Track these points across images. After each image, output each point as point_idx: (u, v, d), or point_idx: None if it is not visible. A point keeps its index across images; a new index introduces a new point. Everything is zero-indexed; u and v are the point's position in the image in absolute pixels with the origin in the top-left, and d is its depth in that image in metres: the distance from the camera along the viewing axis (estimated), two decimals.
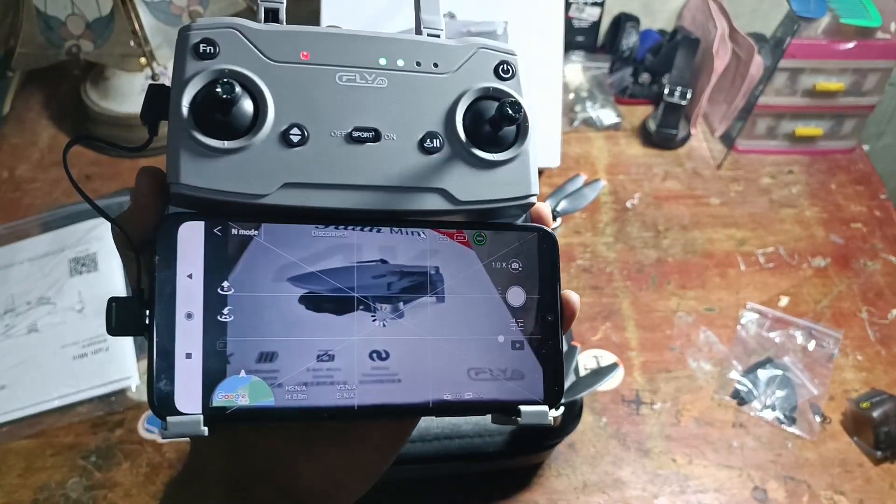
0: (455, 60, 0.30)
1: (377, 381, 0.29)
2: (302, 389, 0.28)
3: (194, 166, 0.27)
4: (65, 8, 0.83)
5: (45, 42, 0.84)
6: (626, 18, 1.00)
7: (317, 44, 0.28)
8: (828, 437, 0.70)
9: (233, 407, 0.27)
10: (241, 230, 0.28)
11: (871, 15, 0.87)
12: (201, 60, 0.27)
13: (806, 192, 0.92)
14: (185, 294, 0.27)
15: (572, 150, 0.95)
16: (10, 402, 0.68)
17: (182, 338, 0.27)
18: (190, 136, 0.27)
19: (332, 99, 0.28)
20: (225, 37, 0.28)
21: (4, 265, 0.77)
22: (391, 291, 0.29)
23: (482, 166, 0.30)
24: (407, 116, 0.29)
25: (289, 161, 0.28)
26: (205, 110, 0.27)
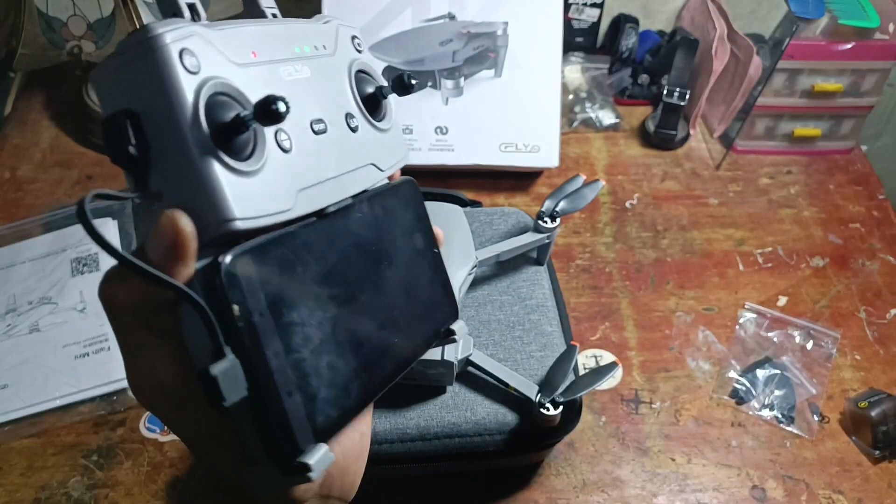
0: (332, 40, 0.32)
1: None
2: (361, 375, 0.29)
3: (239, 196, 0.24)
4: (66, 9, 0.84)
5: (47, 43, 0.85)
6: (626, 19, 1.00)
7: (255, 41, 0.28)
8: (826, 436, 0.70)
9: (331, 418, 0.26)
10: (276, 248, 0.26)
11: (870, 16, 0.87)
12: (191, 74, 0.24)
13: (804, 193, 0.93)
14: (265, 332, 0.24)
15: (572, 150, 0.95)
16: (11, 401, 0.68)
17: (280, 377, 0.24)
18: (221, 163, 0.24)
19: (291, 95, 0.27)
20: (196, 44, 0.24)
21: (6, 265, 0.78)
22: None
23: (382, 135, 0.33)
24: (331, 101, 0.31)
25: (292, 167, 0.27)
26: (224, 132, 0.24)
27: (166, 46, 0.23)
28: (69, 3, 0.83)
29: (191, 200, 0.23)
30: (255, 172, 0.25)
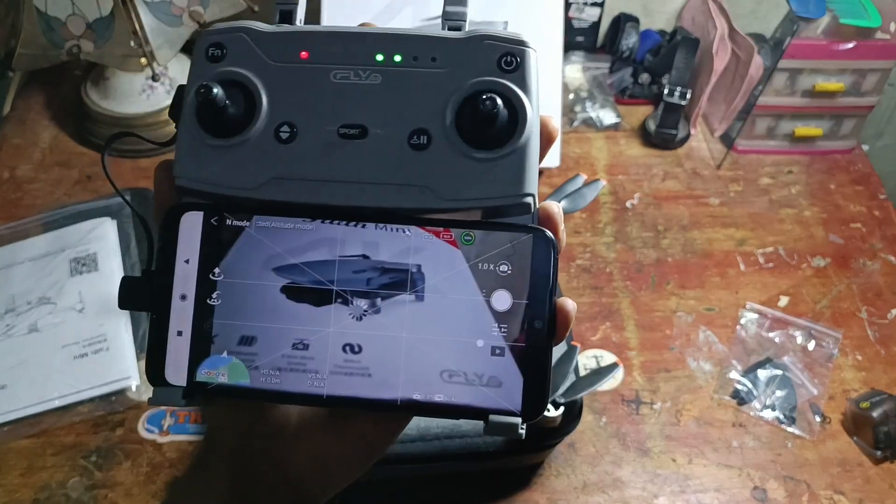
0: (456, 54, 0.29)
1: (348, 374, 0.29)
2: (276, 374, 0.29)
3: (194, 163, 0.29)
4: (65, 8, 0.83)
5: (46, 42, 0.84)
6: (626, 19, 1.00)
7: (317, 43, 0.30)
8: (827, 436, 0.70)
9: (213, 383, 0.30)
10: (234, 221, 0.30)
11: (871, 15, 0.87)
12: (210, 63, 0.30)
13: (805, 192, 0.92)
14: (182, 277, 0.30)
15: (572, 150, 0.95)
16: (10, 401, 0.68)
17: (176, 316, 0.30)
18: (192, 134, 0.29)
19: (325, 96, 0.29)
20: (233, 40, 0.30)
21: (5, 265, 0.78)
22: (370, 287, 0.29)
23: (473, 163, 0.29)
24: (397, 112, 0.29)
25: (277, 157, 0.29)
26: (205, 110, 0.29)
27: (201, 39, 0.30)
28: (68, 3, 0.83)
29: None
30: (223, 148, 0.29)
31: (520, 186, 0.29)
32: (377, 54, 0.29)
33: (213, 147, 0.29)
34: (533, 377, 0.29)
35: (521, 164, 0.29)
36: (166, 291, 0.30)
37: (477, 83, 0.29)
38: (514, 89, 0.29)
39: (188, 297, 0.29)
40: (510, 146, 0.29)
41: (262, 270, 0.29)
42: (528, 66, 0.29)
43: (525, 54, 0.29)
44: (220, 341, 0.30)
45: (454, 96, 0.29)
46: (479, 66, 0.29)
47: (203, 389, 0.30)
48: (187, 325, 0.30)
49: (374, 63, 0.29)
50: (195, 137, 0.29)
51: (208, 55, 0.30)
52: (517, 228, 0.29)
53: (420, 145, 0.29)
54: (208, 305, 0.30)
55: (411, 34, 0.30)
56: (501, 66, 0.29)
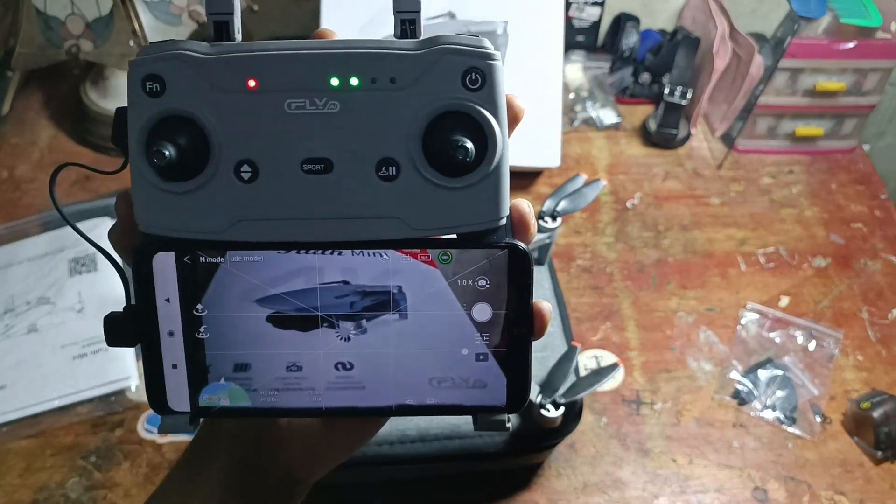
0: (415, 71, 0.27)
1: (342, 388, 0.31)
2: (274, 394, 0.31)
3: (154, 210, 0.28)
4: (64, 8, 0.83)
5: (45, 42, 0.84)
6: (627, 18, 1.00)
7: (263, 69, 0.27)
8: (828, 437, 0.70)
9: (216, 407, 0.31)
10: (208, 258, 0.29)
11: (872, 15, 0.87)
12: (150, 98, 0.27)
13: (806, 192, 0.92)
14: (166, 316, 0.30)
15: (572, 149, 0.95)
16: (9, 402, 0.68)
17: (167, 352, 0.30)
18: (146, 180, 0.28)
19: (281, 130, 0.28)
20: (170, 70, 0.27)
21: (4, 265, 0.77)
22: (353, 310, 0.30)
23: (444, 191, 0.28)
24: (361, 142, 0.28)
25: (241, 198, 0.28)
26: (152, 153, 0.27)
27: (133, 71, 0.27)
28: (67, 2, 0.83)
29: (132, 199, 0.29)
30: (183, 193, 0.28)
31: (494, 212, 0.29)
32: (331, 78, 0.27)
33: (171, 192, 0.28)
34: (515, 375, 0.31)
35: (493, 188, 0.28)
36: (153, 329, 0.30)
37: (442, 107, 0.28)
38: (481, 112, 0.27)
39: (176, 334, 0.30)
40: (481, 171, 0.28)
41: (245, 302, 0.30)
42: (495, 82, 0.28)
43: (491, 69, 0.27)
44: (216, 370, 0.30)
45: (419, 121, 0.28)
46: (442, 84, 0.27)
47: (207, 413, 0.31)
48: (180, 358, 0.30)
49: (329, 88, 0.27)
50: (150, 182, 0.28)
51: (146, 89, 0.27)
52: (492, 245, 0.29)
53: (388, 176, 0.28)
54: (197, 339, 0.30)
55: (365, 51, 0.27)
56: (466, 84, 0.27)
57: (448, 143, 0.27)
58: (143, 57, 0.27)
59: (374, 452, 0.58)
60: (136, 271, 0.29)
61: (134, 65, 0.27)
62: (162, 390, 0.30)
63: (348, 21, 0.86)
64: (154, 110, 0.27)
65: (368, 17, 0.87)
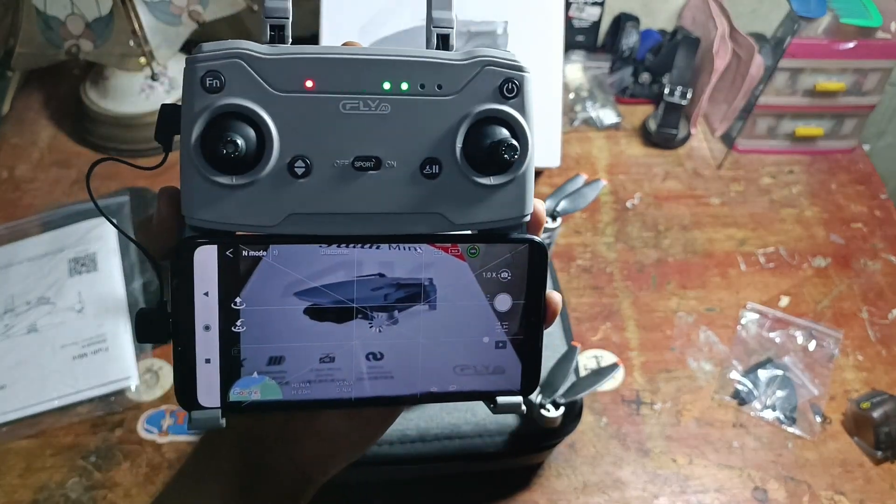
0: (459, 80, 0.30)
1: (372, 378, 0.32)
2: (306, 386, 0.31)
3: (205, 202, 0.29)
4: (64, 8, 0.83)
5: (45, 42, 0.84)
6: (627, 18, 1.00)
7: (321, 70, 0.29)
8: (828, 437, 0.70)
9: (247, 401, 0.31)
10: (250, 251, 0.30)
11: (872, 15, 0.87)
12: (208, 94, 0.28)
13: (806, 192, 0.92)
14: (203, 309, 0.30)
15: (572, 149, 0.95)
16: (9, 402, 0.68)
17: (201, 346, 0.30)
18: (200, 173, 0.28)
19: (335, 128, 0.29)
20: (230, 68, 0.28)
21: (4, 265, 0.77)
22: (387, 301, 0.31)
23: (481, 189, 0.31)
24: (408, 142, 0.30)
25: (294, 193, 0.29)
26: (213, 149, 0.28)
27: (193, 68, 0.28)
28: (67, 2, 0.82)
29: (181, 192, 0.29)
30: (236, 187, 0.29)
31: (522, 209, 0.31)
32: (384, 82, 0.29)
33: (223, 185, 0.28)
34: (529, 361, 0.33)
35: (523, 188, 0.31)
36: (188, 324, 0.30)
37: (484, 111, 0.30)
38: (517, 118, 0.30)
39: (212, 328, 0.30)
40: (514, 172, 0.31)
41: (284, 296, 0.30)
42: (527, 91, 0.31)
43: (524, 80, 0.31)
44: (250, 364, 0.31)
45: (462, 125, 0.30)
46: (483, 92, 0.30)
47: (238, 407, 0.31)
48: (214, 352, 0.30)
49: (381, 91, 0.29)
50: (203, 174, 0.28)
51: (205, 85, 0.28)
52: (516, 240, 0.32)
53: (432, 174, 0.30)
54: (234, 333, 0.30)
55: (416, 59, 0.30)
56: (503, 93, 0.30)
57: (493, 143, 0.29)
58: (203, 54, 0.28)
59: (374, 452, 0.58)
60: (176, 264, 0.29)
61: (193, 61, 0.28)
62: (193, 385, 0.30)
63: (348, 21, 0.86)
64: (213, 105, 0.28)
65: (368, 18, 0.87)
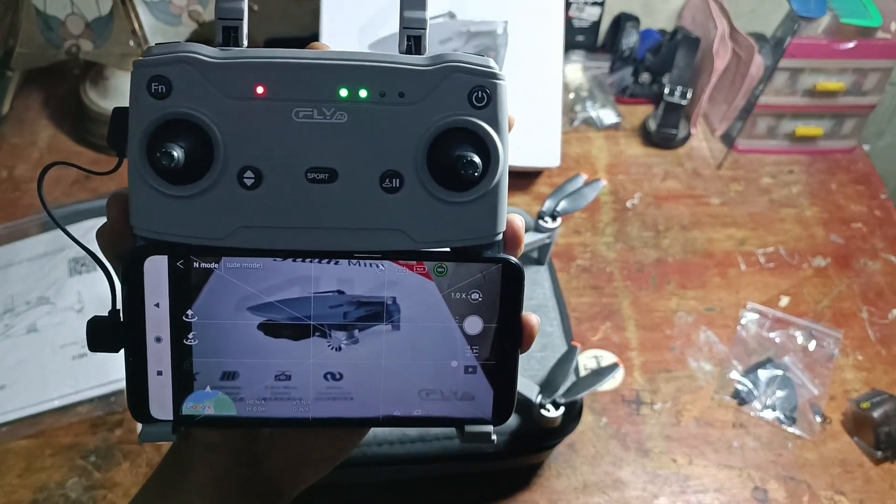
0: (424, 87, 0.28)
1: (331, 399, 0.30)
2: (261, 403, 0.30)
3: (152, 212, 0.28)
4: (64, 7, 0.83)
5: (45, 42, 0.84)
6: (627, 18, 1.00)
7: (273, 76, 0.27)
8: (828, 437, 0.70)
9: (200, 415, 0.30)
10: (202, 263, 0.29)
11: (872, 15, 0.87)
12: (155, 100, 0.27)
13: (806, 192, 0.92)
14: (154, 321, 0.29)
15: (572, 149, 0.95)
16: (9, 402, 0.68)
17: (153, 358, 0.29)
18: (146, 182, 0.27)
19: (287, 138, 0.28)
20: (178, 72, 0.27)
21: (4, 265, 0.77)
22: (347, 320, 0.30)
23: (445, 206, 0.28)
24: (367, 154, 0.28)
25: (243, 204, 0.28)
26: (153, 156, 0.27)
27: (139, 72, 0.27)
28: (67, 2, 0.82)
29: (129, 200, 0.28)
30: (183, 197, 0.27)
31: (493, 227, 0.29)
32: (340, 89, 0.27)
33: (170, 196, 0.27)
34: (502, 388, 0.31)
35: (493, 204, 0.29)
36: (139, 335, 0.29)
37: (448, 123, 0.28)
38: (487, 129, 0.28)
39: (163, 339, 0.29)
40: (483, 187, 0.28)
41: (237, 310, 0.29)
42: (499, 100, 0.28)
43: (496, 87, 0.28)
44: (203, 378, 0.30)
45: (425, 136, 0.28)
46: (449, 100, 0.28)
47: (190, 422, 0.30)
48: (166, 365, 0.29)
49: (338, 99, 0.27)
50: (149, 184, 0.27)
51: (151, 90, 0.27)
52: (487, 259, 0.30)
53: (392, 188, 0.28)
54: (185, 346, 0.29)
55: (375, 63, 0.28)
56: (472, 102, 0.28)
57: (456, 158, 0.27)
58: (149, 58, 0.27)
59: (374, 452, 0.58)
60: (125, 274, 0.29)
61: (139, 65, 0.27)
62: (144, 397, 0.29)
63: (348, 21, 0.86)
64: (159, 112, 0.27)
65: (368, 18, 0.87)
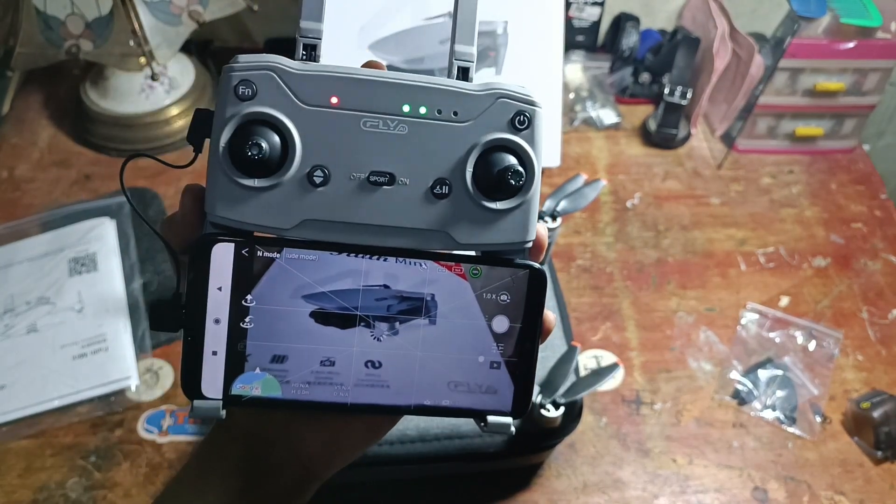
0: (475, 109, 0.32)
1: (369, 385, 0.33)
2: (305, 387, 0.33)
3: (227, 201, 0.31)
4: (64, 7, 0.83)
5: (45, 42, 0.84)
6: (627, 18, 1.00)
7: (346, 89, 0.31)
8: (828, 437, 0.70)
9: (247, 396, 0.32)
10: (265, 252, 0.32)
11: (872, 15, 0.87)
12: (240, 102, 0.30)
13: (806, 192, 0.92)
14: (215, 303, 0.31)
15: (572, 149, 0.95)
16: (9, 402, 0.68)
17: (210, 338, 0.32)
18: (225, 173, 0.30)
19: (355, 143, 0.31)
20: (262, 79, 0.30)
21: (4, 265, 0.77)
22: (390, 312, 0.33)
23: (487, 213, 0.32)
24: (422, 163, 0.32)
25: (310, 200, 0.31)
26: (239, 152, 0.30)
27: (228, 76, 0.30)
28: (67, 2, 0.82)
29: (206, 189, 0.31)
30: (257, 189, 0.31)
31: (525, 234, 0.33)
32: (404, 105, 0.31)
33: (245, 187, 0.30)
34: (521, 384, 0.34)
35: (527, 214, 0.33)
36: (199, 316, 0.31)
37: (495, 140, 0.32)
38: (526, 148, 0.32)
39: (222, 322, 0.32)
40: (520, 199, 0.32)
41: (292, 298, 0.32)
42: (538, 125, 0.32)
43: (535, 114, 0.32)
44: (254, 360, 0.32)
45: (474, 151, 0.32)
46: (496, 122, 0.32)
47: (238, 401, 0.32)
48: (221, 345, 0.32)
49: (401, 113, 0.31)
50: (228, 175, 0.30)
51: (238, 93, 0.30)
52: (517, 265, 0.33)
53: (442, 194, 0.32)
54: (241, 328, 0.32)
55: (435, 86, 0.31)
56: (515, 125, 0.32)
57: (503, 168, 0.31)
58: (238, 64, 0.30)
59: (374, 452, 0.58)
60: (194, 258, 0.31)
61: (229, 70, 0.30)
62: (198, 375, 0.32)
63: (349, 21, 0.86)
64: (244, 111, 0.30)
65: (368, 18, 0.87)
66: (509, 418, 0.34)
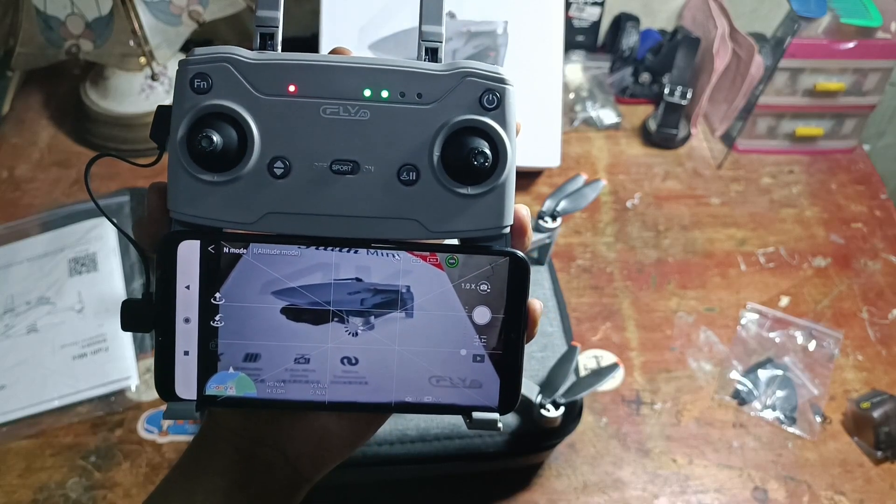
0: (440, 90, 0.30)
1: (346, 383, 0.32)
2: (281, 385, 0.32)
3: (188, 197, 0.30)
4: (64, 7, 0.83)
5: (45, 42, 0.84)
6: (627, 18, 1.00)
7: (304, 76, 0.30)
8: (828, 437, 0.70)
9: (222, 396, 0.32)
10: (231, 248, 0.31)
11: (872, 15, 0.87)
12: (196, 95, 0.29)
13: (806, 192, 0.92)
14: (184, 302, 0.31)
15: (572, 149, 0.95)
16: (9, 402, 0.68)
17: (181, 338, 0.31)
18: (185, 169, 0.30)
19: (315, 132, 0.30)
20: (218, 71, 0.30)
21: (4, 265, 0.77)
22: (364, 306, 0.32)
23: (458, 198, 0.31)
24: (386, 148, 0.30)
25: (272, 192, 0.30)
26: (190, 144, 0.29)
27: (183, 70, 0.30)
28: (67, 2, 0.82)
29: (168, 186, 0.31)
30: (217, 184, 0.30)
31: (500, 220, 0.32)
32: (365, 89, 0.30)
33: (206, 182, 0.30)
34: (508, 377, 0.33)
35: (501, 199, 0.31)
36: (169, 315, 0.31)
37: (462, 121, 0.30)
38: (496, 128, 0.30)
39: (192, 321, 0.31)
40: (492, 182, 0.31)
41: (262, 294, 0.31)
42: (508, 103, 0.31)
43: (505, 91, 0.31)
44: (226, 359, 0.31)
45: (440, 133, 0.30)
46: (462, 102, 0.31)
47: (213, 402, 0.32)
48: (193, 345, 0.31)
49: (362, 98, 0.30)
50: (187, 171, 0.30)
51: (193, 86, 0.29)
52: (495, 252, 0.32)
53: (409, 181, 0.31)
54: (212, 327, 0.31)
55: (396, 68, 0.30)
56: (483, 105, 0.31)
57: (468, 151, 0.30)
58: (194, 57, 0.30)
59: (374, 452, 0.58)
60: (160, 257, 0.30)
61: (184, 64, 0.30)
62: (171, 376, 0.31)
63: (348, 21, 0.86)
64: (200, 105, 0.29)
65: (368, 18, 0.87)
66: (496, 414, 0.33)
